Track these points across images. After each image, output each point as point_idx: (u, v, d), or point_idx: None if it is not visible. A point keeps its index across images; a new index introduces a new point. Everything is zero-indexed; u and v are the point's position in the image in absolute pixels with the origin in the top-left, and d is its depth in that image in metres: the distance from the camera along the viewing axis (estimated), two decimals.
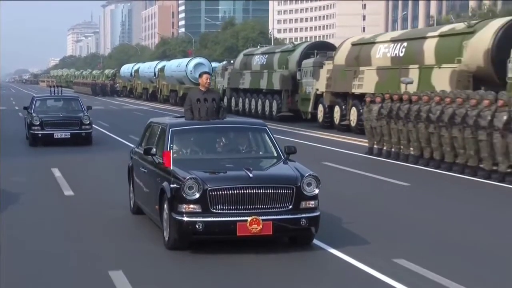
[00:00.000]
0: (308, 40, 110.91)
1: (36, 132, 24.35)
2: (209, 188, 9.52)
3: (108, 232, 11.31)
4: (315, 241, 10.21)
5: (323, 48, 37.85)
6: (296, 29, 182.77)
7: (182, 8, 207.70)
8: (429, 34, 27.87)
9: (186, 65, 56.60)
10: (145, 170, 11.35)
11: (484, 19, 30.89)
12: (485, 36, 24.59)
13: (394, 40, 29.76)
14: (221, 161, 10.65)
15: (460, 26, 27.04)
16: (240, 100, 44.35)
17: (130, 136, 25.67)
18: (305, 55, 37.84)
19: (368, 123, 21.84)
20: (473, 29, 25.27)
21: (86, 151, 23.36)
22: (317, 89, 34.02)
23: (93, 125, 26.10)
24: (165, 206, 9.97)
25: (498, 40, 24.11)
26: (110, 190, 15.32)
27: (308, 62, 36.16)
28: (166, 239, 10.00)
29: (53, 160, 20.33)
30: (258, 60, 43.84)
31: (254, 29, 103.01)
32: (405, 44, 28.56)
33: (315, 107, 34.46)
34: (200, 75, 11.88)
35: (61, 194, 14.91)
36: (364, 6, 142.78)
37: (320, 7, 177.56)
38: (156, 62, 73.40)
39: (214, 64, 58.51)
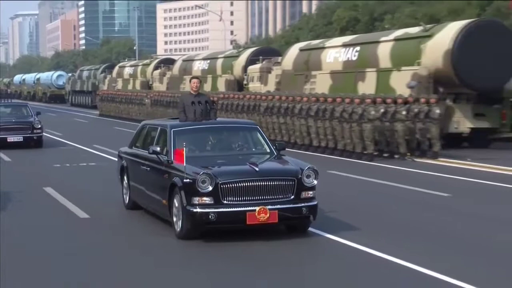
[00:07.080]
0: (187, 51, 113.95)
1: None
2: (220, 182, 9.54)
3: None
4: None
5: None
6: (180, 41, 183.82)
7: (82, 22, 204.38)
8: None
9: (51, 76, 79.63)
10: (148, 168, 11.13)
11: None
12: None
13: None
14: (223, 158, 10.61)
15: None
16: None
17: None
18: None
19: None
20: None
21: None
22: None
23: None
24: (175, 199, 9.89)
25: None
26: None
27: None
28: (178, 229, 9.92)
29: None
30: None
31: (125, 46, 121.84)
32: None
33: None
34: (190, 80, 11.80)
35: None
36: (232, 23, 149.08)
37: (197, 22, 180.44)
38: (35, 73, 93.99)
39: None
